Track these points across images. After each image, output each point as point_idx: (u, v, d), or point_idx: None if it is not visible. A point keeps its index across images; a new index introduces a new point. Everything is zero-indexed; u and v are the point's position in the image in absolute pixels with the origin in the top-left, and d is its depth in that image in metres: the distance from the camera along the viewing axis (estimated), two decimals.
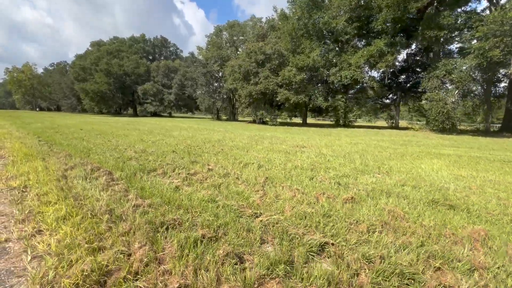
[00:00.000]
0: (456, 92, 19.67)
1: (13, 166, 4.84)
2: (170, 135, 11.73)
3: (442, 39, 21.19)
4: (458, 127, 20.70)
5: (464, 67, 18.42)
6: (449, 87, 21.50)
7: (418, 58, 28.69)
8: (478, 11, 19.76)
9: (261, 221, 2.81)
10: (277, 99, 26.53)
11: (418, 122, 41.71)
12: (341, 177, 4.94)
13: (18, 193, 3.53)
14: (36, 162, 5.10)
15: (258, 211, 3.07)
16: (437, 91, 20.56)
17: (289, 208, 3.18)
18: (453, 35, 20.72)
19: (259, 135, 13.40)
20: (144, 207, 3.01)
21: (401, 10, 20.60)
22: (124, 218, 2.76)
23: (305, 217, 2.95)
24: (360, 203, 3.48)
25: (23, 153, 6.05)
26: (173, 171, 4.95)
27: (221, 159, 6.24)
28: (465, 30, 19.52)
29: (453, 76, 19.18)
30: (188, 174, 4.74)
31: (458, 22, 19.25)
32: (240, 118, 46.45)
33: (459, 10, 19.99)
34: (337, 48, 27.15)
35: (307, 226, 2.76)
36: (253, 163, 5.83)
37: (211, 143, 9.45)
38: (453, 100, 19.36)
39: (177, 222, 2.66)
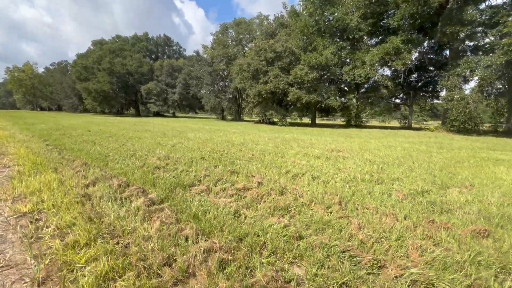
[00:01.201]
0: (478, 90, 18.70)
1: (20, 181, 3.92)
2: (186, 138, 10.81)
3: (462, 36, 20.21)
4: (481, 127, 19.72)
5: (486, 65, 17.41)
6: (467, 86, 20.61)
7: (432, 56, 27.65)
8: (500, 3, 18.69)
9: (396, 277, 1.89)
10: (288, 98, 25.54)
11: (424, 122, 40.61)
12: (421, 193, 4.03)
13: (31, 223, 2.61)
14: (48, 175, 4.18)
15: (378, 257, 2.14)
16: (458, 90, 19.60)
17: (414, 251, 2.26)
18: (475, 31, 19.71)
19: (279, 137, 12.47)
20: (216, 252, 2.09)
21: (421, 5, 19.61)
22: (196, 274, 1.84)
23: (449, 268, 2.03)
24: (495, 237, 2.56)
25: (30, 161, 5.14)
26: (216, 186, 4.04)
27: (261, 168, 5.32)
28: (489, 26, 18.50)
29: (477, 73, 18.22)
30: (237, 190, 3.82)
31: (483, 17, 18.25)
32: (246, 118, 45.51)
33: (483, 5, 18.99)
34: (348, 47, 26.15)
35: (462, 284, 1.84)
36: (303, 174, 4.92)
37: (235, 147, 8.53)
38: (476, 99, 18.39)
39: (279, 285, 1.74)
